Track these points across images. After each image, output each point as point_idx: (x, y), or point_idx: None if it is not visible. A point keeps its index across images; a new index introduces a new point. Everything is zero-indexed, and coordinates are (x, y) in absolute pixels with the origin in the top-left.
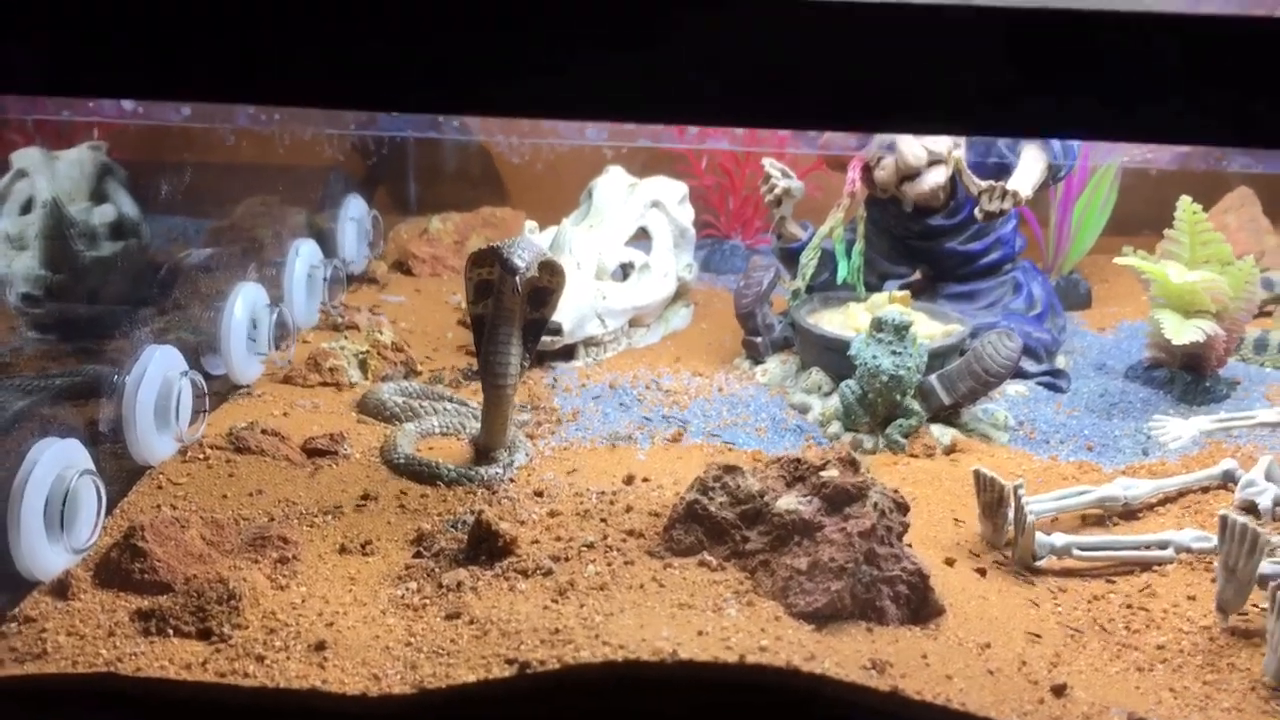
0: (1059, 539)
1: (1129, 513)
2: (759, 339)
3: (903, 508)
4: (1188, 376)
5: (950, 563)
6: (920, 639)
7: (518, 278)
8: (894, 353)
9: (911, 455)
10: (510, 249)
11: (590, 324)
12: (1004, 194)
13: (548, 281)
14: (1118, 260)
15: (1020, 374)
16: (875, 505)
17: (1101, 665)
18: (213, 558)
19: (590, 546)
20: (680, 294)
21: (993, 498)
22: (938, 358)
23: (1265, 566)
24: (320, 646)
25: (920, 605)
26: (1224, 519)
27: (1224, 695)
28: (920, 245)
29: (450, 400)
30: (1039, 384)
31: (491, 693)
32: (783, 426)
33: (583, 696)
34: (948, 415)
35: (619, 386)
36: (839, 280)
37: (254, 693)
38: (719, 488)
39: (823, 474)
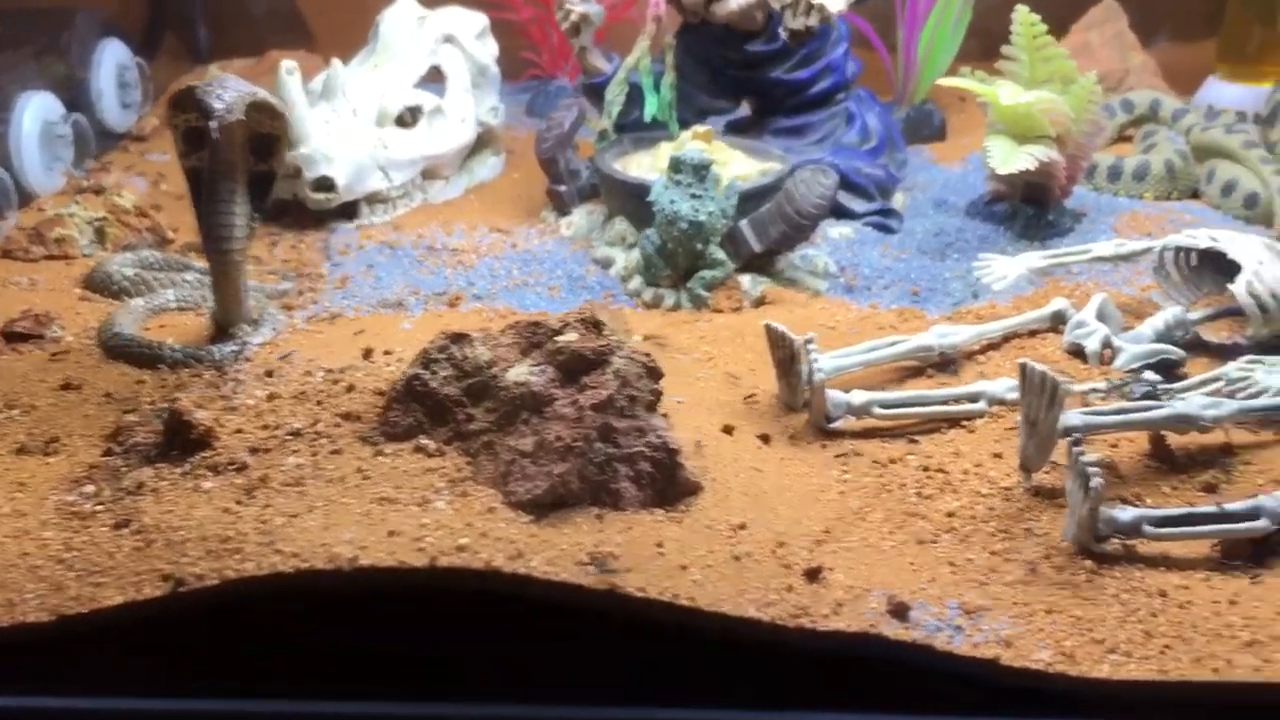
0: (858, 396)
1: (947, 363)
2: (564, 187)
3: (654, 373)
4: (1030, 210)
5: (729, 430)
6: (662, 524)
7: (214, 123)
8: (693, 196)
9: (716, 310)
10: (208, 89)
11: (371, 178)
12: (809, 8)
13: (269, 127)
14: (943, 81)
15: (846, 214)
16: (617, 372)
17: (877, 540)
18: None
19: (297, 434)
20: (486, 141)
21: (785, 355)
22: (752, 200)
23: (1074, 418)
24: None
25: (668, 484)
26: (1023, 367)
27: (1012, 566)
28: (742, 76)
29: (195, 270)
30: (867, 225)
31: (138, 616)
32: (580, 284)
33: (245, 616)
34: (762, 264)
35: (399, 247)
36: (647, 118)
37: None
38: (444, 360)
39: (558, 339)
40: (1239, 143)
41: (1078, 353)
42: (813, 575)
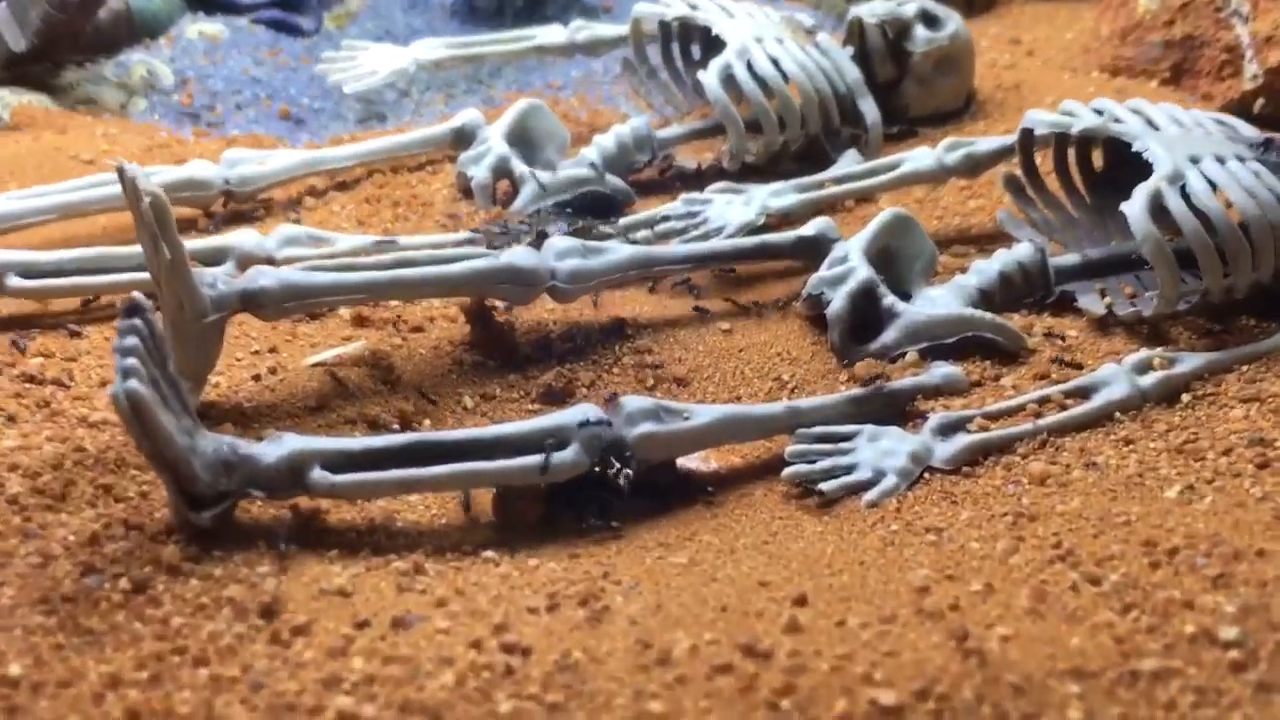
0: None
1: (245, 208)
2: None
3: None
4: (519, 1)
5: None
6: None
7: None
8: None
9: None
10: None
11: None
12: None
13: None
14: None
15: (224, 5)
16: None
17: None
18: None
19: None
20: None
21: None
22: None
23: (266, 277)
24: None
25: None
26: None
27: None
28: None
29: None
30: (260, 21)
31: None
32: None
33: None
34: (42, 73)
35: None
36: None
37: None
38: None
39: None
40: None
41: (466, 188)
42: None
